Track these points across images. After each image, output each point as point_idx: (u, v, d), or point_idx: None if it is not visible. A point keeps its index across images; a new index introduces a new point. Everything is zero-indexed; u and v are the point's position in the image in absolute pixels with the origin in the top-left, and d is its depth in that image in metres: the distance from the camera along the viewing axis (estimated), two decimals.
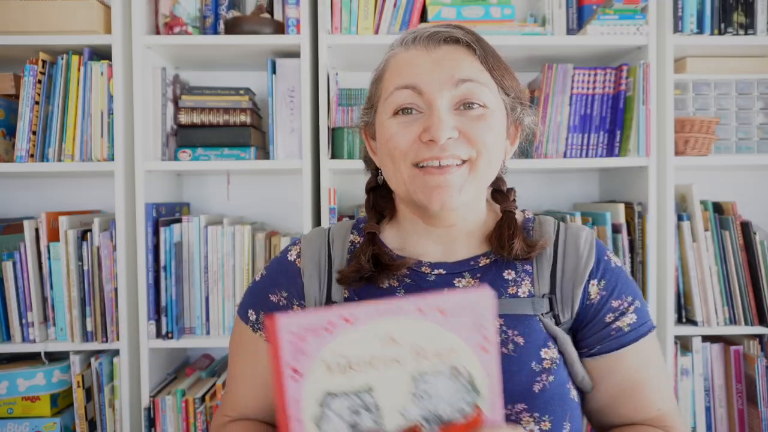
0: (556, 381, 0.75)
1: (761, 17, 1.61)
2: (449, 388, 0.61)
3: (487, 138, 0.74)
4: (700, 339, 1.62)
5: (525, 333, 0.76)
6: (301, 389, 0.59)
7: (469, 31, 0.78)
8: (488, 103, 0.75)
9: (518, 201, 1.85)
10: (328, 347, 0.58)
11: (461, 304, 0.60)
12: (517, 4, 1.82)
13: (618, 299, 0.80)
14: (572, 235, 0.82)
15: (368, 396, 0.60)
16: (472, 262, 0.81)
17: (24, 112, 1.52)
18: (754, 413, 1.58)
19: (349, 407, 0.60)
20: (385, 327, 0.59)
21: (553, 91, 1.63)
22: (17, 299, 1.52)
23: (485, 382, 0.61)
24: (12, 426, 1.49)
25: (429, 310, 0.60)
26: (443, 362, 0.60)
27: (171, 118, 1.65)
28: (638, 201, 1.61)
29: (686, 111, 1.70)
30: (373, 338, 0.59)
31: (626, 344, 0.78)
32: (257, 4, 1.70)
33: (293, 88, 1.60)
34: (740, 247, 1.60)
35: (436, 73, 0.74)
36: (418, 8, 1.61)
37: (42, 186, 1.83)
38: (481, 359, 0.61)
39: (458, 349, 0.61)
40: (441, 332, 0.60)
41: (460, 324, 0.60)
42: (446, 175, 0.73)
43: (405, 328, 0.60)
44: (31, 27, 1.51)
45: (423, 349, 0.60)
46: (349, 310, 0.58)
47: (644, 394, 0.79)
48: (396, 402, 0.60)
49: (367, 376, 0.59)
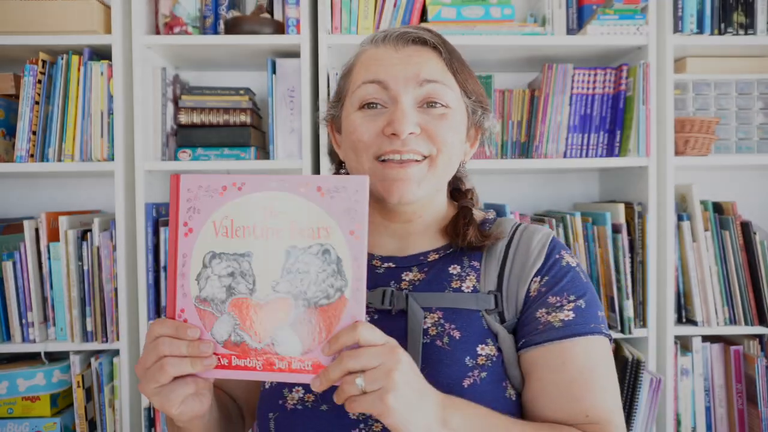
0: (488, 378, 0.75)
1: (761, 17, 1.61)
2: (318, 269, 0.65)
3: (448, 136, 0.77)
4: (700, 339, 1.62)
5: (462, 327, 0.77)
6: (192, 245, 0.66)
7: (436, 34, 0.81)
8: (450, 104, 0.78)
9: (519, 201, 1.88)
10: (219, 210, 0.65)
11: (337, 185, 0.65)
12: (517, 4, 1.82)
13: (557, 296, 0.78)
14: (527, 235, 0.83)
15: (246, 262, 0.66)
16: (422, 257, 0.83)
17: (24, 112, 1.52)
18: (754, 413, 1.58)
19: (227, 269, 0.66)
20: (269, 198, 0.66)
21: (553, 91, 1.63)
22: (17, 299, 1.52)
23: (351, 270, 0.65)
24: (12, 426, 1.49)
25: (309, 188, 0.65)
26: (316, 241, 0.65)
27: (171, 118, 1.65)
28: (638, 201, 1.61)
29: (686, 111, 1.70)
30: (258, 207, 0.66)
31: (553, 339, 0.75)
32: (257, 4, 1.70)
33: (293, 88, 1.60)
34: (740, 247, 1.60)
35: (403, 70, 0.77)
36: (418, 8, 1.61)
37: (42, 186, 1.83)
38: (350, 244, 0.65)
39: (331, 230, 0.65)
40: (317, 211, 0.66)
41: (334, 205, 0.65)
42: (406, 168, 0.76)
43: (286, 201, 0.66)
44: (31, 27, 1.51)
45: (299, 224, 0.65)
46: (241, 178, 0.65)
47: (569, 394, 0.74)
48: (269, 274, 0.66)
49: (248, 242, 0.66)
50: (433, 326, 0.77)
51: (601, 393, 0.75)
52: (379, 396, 0.60)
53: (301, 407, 0.76)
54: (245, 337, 0.66)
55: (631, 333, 1.55)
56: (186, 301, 0.66)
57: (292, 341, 0.65)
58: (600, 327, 0.77)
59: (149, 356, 0.64)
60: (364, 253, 0.65)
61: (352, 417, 0.74)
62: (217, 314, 0.66)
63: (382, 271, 0.83)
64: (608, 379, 0.76)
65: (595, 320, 0.77)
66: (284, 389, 0.78)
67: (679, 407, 1.61)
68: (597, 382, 0.75)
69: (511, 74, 1.86)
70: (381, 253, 0.85)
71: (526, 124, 1.68)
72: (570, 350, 0.75)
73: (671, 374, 1.57)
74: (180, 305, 0.66)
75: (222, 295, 0.66)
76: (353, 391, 0.60)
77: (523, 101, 1.68)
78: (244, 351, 0.66)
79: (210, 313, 0.66)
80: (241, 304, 0.66)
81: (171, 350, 0.63)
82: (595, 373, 0.75)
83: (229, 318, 0.66)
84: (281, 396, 0.77)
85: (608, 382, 0.76)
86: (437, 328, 0.77)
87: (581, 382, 0.74)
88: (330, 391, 0.68)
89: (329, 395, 0.74)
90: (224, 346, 0.66)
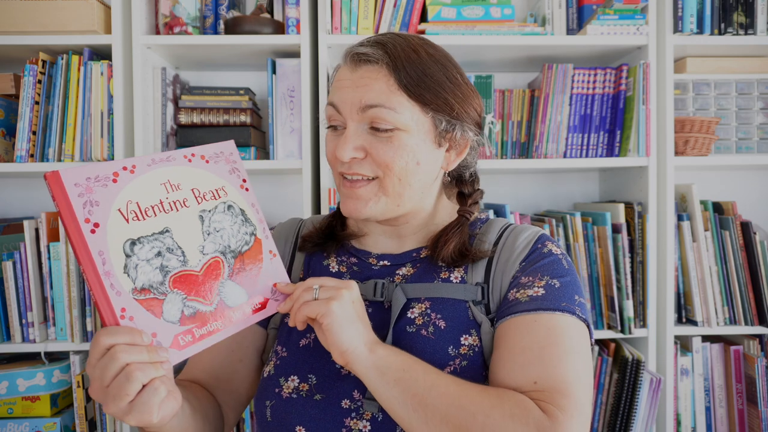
0: (469, 366, 0.76)
1: (761, 17, 1.61)
2: (230, 222, 0.73)
3: (392, 159, 0.78)
4: (700, 339, 1.62)
5: (448, 317, 0.79)
6: (103, 240, 0.63)
7: (391, 51, 0.78)
8: (399, 125, 0.77)
9: (519, 201, 1.88)
10: (119, 196, 0.65)
11: (215, 151, 0.74)
12: (517, 4, 1.82)
13: (529, 276, 0.78)
14: (516, 233, 0.84)
15: (168, 238, 0.67)
16: (414, 254, 0.86)
17: (24, 112, 1.52)
18: (754, 413, 1.58)
19: (152, 251, 0.66)
20: (163, 173, 0.69)
21: (553, 91, 1.63)
22: (17, 299, 1.52)
23: (254, 215, 0.76)
24: (12, 426, 1.49)
25: (194, 158, 0.72)
26: (219, 201, 0.73)
27: (171, 118, 1.65)
28: (638, 201, 1.61)
29: (686, 111, 1.70)
30: (157, 184, 0.68)
31: (517, 312, 0.75)
32: (257, 4, 1.70)
33: (293, 88, 1.60)
34: (740, 247, 1.60)
35: (350, 95, 0.79)
36: (418, 8, 1.61)
37: (42, 186, 1.83)
38: (245, 196, 0.76)
39: (226, 189, 0.74)
40: (209, 175, 0.73)
41: (220, 169, 0.74)
42: (355, 189, 0.80)
43: (180, 173, 0.70)
44: (31, 27, 1.51)
45: (200, 190, 0.71)
46: (129, 161, 0.67)
47: (521, 360, 0.72)
48: (193, 241, 0.69)
49: (161, 219, 0.68)
50: (420, 316, 0.80)
51: (557, 364, 0.72)
52: (326, 302, 0.70)
53: (296, 396, 0.78)
54: (196, 305, 0.68)
55: (631, 333, 1.55)
56: (123, 299, 0.63)
57: (236, 291, 0.72)
58: (573, 308, 0.76)
59: (107, 371, 0.59)
60: (256, 199, 0.76)
61: (344, 406, 0.77)
62: (161, 297, 0.65)
63: (378, 268, 0.86)
64: (570, 355, 0.73)
65: (569, 301, 0.76)
66: (281, 378, 0.80)
67: (679, 407, 1.61)
68: (554, 354, 0.72)
69: (511, 74, 1.86)
70: (377, 251, 0.88)
71: (526, 124, 1.68)
72: (532, 323, 0.74)
73: (671, 374, 1.57)
74: (118, 306, 0.62)
75: (159, 277, 0.66)
76: (308, 298, 0.72)
77: (523, 101, 1.68)
78: (201, 319, 0.68)
79: (154, 299, 0.65)
80: (181, 278, 0.67)
81: (133, 358, 0.60)
82: (555, 347, 0.73)
83: (175, 296, 0.66)
84: (278, 385, 0.80)
85: (569, 357, 0.73)
86: (424, 318, 0.79)
87: (537, 351, 0.72)
88: (324, 381, 0.75)
89: (323, 385, 0.78)
90: (181, 323, 0.66)
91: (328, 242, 0.90)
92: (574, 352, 0.73)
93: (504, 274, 0.81)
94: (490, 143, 0.92)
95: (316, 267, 0.89)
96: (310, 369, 0.80)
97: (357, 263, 0.87)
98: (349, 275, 0.86)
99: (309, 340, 0.82)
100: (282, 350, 0.84)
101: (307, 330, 0.83)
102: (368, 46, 0.79)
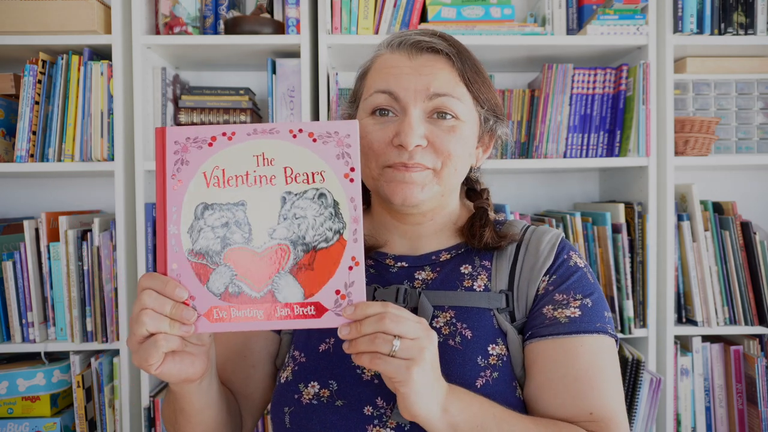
0: (500, 378, 0.76)
1: (761, 17, 1.61)
2: (315, 213, 0.66)
3: (455, 149, 0.78)
4: (700, 339, 1.62)
5: (474, 327, 0.78)
6: (181, 197, 0.64)
7: (452, 43, 0.81)
8: (460, 115, 0.79)
9: (519, 201, 1.88)
10: (209, 160, 0.64)
11: (329, 130, 0.66)
12: (517, 4, 1.82)
13: (563, 294, 0.79)
14: (537, 236, 0.84)
15: (240, 211, 0.65)
16: (434, 257, 0.85)
17: (24, 112, 1.52)
18: (754, 413, 1.58)
19: (220, 219, 0.64)
20: (260, 145, 0.65)
21: (553, 91, 1.63)
22: (17, 299, 1.52)
23: (348, 212, 0.66)
24: (12, 426, 1.49)
25: (301, 134, 0.66)
26: (311, 186, 0.66)
27: (171, 118, 1.65)
28: (638, 201, 1.61)
29: (686, 111, 1.70)
30: (249, 155, 0.65)
31: (557, 334, 0.76)
32: (257, 4, 1.70)
33: (293, 88, 1.60)
34: (740, 247, 1.60)
35: (414, 81, 0.77)
36: (418, 8, 1.61)
37: (42, 186, 1.83)
38: (346, 187, 0.66)
39: (326, 174, 0.66)
40: (311, 156, 0.66)
41: (327, 151, 0.66)
42: (411, 172, 0.77)
43: (279, 148, 0.65)
44: (31, 27, 1.51)
45: (293, 170, 0.65)
46: (230, 128, 0.65)
47: (574, 391, 0.74)
48: (265, 221, 0.65)
49: (241, 191, 0.65)
50: (445, 325, 0.78)
51: (606, 392, 0.75)
52: (407, 365, 0.61)
53: (317, 402, 0.77)
54: (243, 287, 0.65)
55: (631, 333, 1.55)
56: (178, 256, 0.64)
57: (292, 287, 0.65)
58: (606, 327, 0.78)
59: (134, 308, 0.63)
60: (359, 195, 0.66)
61: (367, 413, 0.75)
62: (212, 266, 0.65)
63: (396, 270, 0.84)
64: (613, 379, 0.76)
65: (602, 320, 0.78)
66: (300, 384, 0.78)
67: (679, 407, 1.61)
68: (602, 381, 0.75)
69: (511, 74, 1.86)
70: (394, 252, 0.87)
71: (526, 124, 1.68)
72: (576, 347, 0.75)
73: (671, 374, 1.57)
74: (171, 260, 0.64)
75: (217, 247, 0.65)
76: (384, 350, 0.61)
77: (523, 101, 1.68)
78: (243, 301, 0.65)
79: (205, 266, 0.65)
80: (238, 254, 0.65)
81: (153, 305, 0.62)
82: (601, 372, 0.75)
83: (225, 269, 0.65)
84: (297, 391, 0.78)
85: (613, 382, 0.76)
86: (449, 328, 0.78)
87: (586, 380, 0.74)
88: (346, 387, 0.71)
89: (345, 391, 0.76)
90: (222, 298, 0.64)
91: None
92: (615, 374, 0.77)
93: (530, 282, 0.80)
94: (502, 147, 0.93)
95: None
96: (331, 374, 0.78)
97: (374, 265, 0.86)
98: (367, 277, 0.84)
99: (329, 345, 0.80)
100: (300, 355, 0.81)
101: (326, 334, 0.81)
102: (427, 36, 0.80)
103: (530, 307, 0.80)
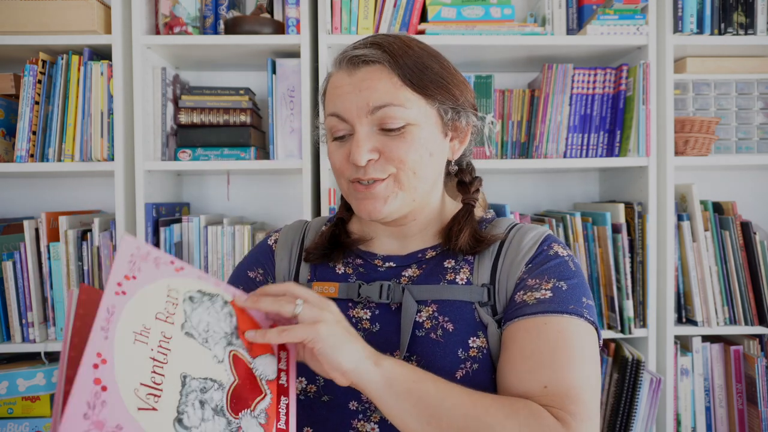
0: (480, 369, 0.76)
1: (761, 17, 1.61)
2: (205, 312, 0.66)
3: (406, 154, 0.78)
4: (700, 339, 1.62)
5: (455, 320, 0.78)
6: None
7: (387, 48, 0.79)
8: (409, 120, 0.78)
9: (519, 201, 1.87)
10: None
11: (128, 261, 0.61)
12: (517, 4, 1.82)
13: (536, 278, 0.78)
14: (522, 232, 0.84)
15: (192, 382, 0.60)
16: (420, 255, 0.86)
17: (24, 112, 1.52)
18: (754, 413, 1.58)
19: (197, 408, 0.59)
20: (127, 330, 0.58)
21: (553, 91, 1.63)
22: (17, 299, 1.52)
23: (208, 286, 0.68)
24: (12, 426, 1.49)
25: (127, 282, 0.60)
26: (180, 303, 0.64)
27: (171, 118, 1.65)
28: (638, 201, 1.61)
29: (686, 111, 1.70)
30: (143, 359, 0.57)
31: (523, 315, 0.75)
32: (257, 4, 1.70)
33: (293, 88, 1.60)
34: (740, 247, 1.60)
35: (355, 100, 0.77)
36: (418, 8, 1.61)
37: (42, 186, 1.83)
38: (186, 277, 0.66)
39: (171, 286, 0.64)
40: (149, 290, 0.62)
41: (149, 272, 0.62)
42: (371, 189, 0.79)
43: (133, 313, 0.59)
44: (31, 27, 1.51)
45: (159, 311, 0.62)
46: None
47: (529, 365, 0.72)
48: (206, 362, 0.62)
49: (172, 372, 0.59)
50: (428, 319, 0.79)
51: (568, 368, 0.71)
52: (312, 324, 0.66)
53: (304, 397, 0.79)
54: (263, 407, 0.66)
55: (631, 333, 1.55)
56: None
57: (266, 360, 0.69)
58: (581, 311, 0.75)
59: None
60: (195, 268, 0.69)
61: (352, 408, 0.77)
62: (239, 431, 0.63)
63: (384, 270, 0.85)
64: (579, 359, 0.72)
65: (577, 304, 0.76)
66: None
67: (679, 407, 1.61)
68: (563, 358, 0.72)
69: (511, 74, 1.86)
70: (382, 252, 0.88)
71: (526, 124, 1.68)
72: (539, 326, 0.74)
73: (671, 374, 1.57)
74: None
75: (222, 422, 0.61)
76: (287, 309, 0.66)
77: (523, 101, 1.68)
78: (274, 413, 0.67)
79: None
80: (233, 399, 0.64)
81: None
82: (566, 351, 0.72)
83: (247, 420, 0.64)
84: None
85: (578, 362, 0.72)
86: (431, 321, 0.79)
87: (545, 355, 0.72)
88: (332, 383, 0.70)
89: (331, 386, 0.77)
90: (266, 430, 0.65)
91: (334, 252, 0.88)
92: (583, 356, 0.73)
93: (510, 274, 0.80)
94: (490, 143, 0.92)
95: (322, 270, 0.89)
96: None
97: (363, 264, 0.87)
98: (356, 276, 0.86)
99: None
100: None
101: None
102: (363, 48, 0.79)
103: (509, 298, 0.79)
